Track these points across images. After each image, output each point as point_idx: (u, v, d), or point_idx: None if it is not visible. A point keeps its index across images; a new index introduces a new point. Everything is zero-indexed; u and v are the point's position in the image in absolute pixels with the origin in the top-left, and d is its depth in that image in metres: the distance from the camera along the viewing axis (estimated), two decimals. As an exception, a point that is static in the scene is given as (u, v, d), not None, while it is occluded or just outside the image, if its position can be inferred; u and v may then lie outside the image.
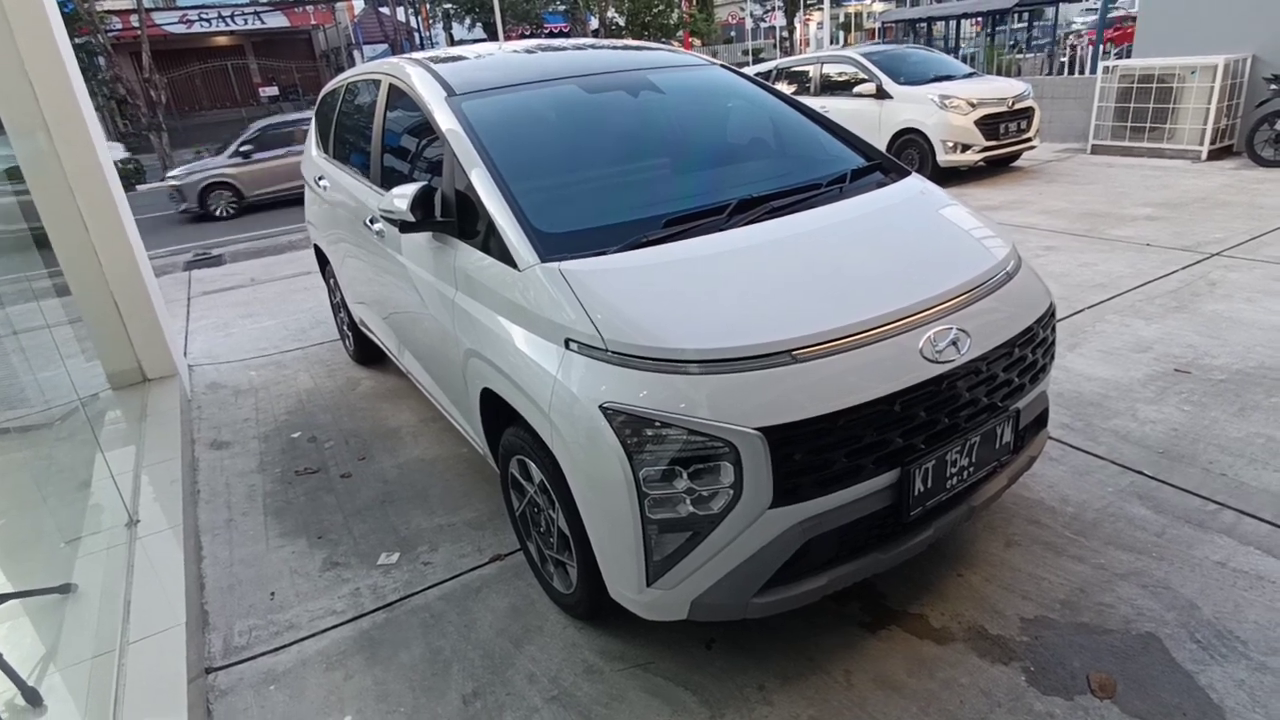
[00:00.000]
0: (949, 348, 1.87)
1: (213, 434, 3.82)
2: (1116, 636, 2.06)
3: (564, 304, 1.90)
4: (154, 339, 4.06)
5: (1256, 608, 2.10)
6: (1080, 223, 6.10)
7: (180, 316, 6.02)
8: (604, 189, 2.51)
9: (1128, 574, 2.28)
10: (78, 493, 2.97)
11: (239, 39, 29.76)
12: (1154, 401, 3.23)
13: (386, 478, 3.25)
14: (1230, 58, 7.78)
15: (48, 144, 3.52)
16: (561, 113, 2.75)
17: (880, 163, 2.69)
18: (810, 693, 1.97)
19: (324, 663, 2.24)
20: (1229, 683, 1.89)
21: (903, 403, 1.79)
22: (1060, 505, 2.62)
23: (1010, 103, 8.03)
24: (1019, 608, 2.19)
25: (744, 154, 2.90)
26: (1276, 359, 3.48)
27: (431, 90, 2.69)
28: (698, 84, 3.10)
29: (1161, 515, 2.52)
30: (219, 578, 2.68)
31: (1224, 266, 4.74)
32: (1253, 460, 2.75)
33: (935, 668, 2.01)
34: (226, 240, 9.17)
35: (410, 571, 2.62)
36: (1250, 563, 2.27)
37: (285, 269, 7.28)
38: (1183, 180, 7.27)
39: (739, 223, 2.17)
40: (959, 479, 1.97)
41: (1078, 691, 1.90)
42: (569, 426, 1.83)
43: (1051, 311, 2.22)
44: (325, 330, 5.22)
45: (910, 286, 1.95)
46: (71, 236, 3.68)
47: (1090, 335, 3.94)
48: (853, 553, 1.90)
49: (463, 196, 2.34)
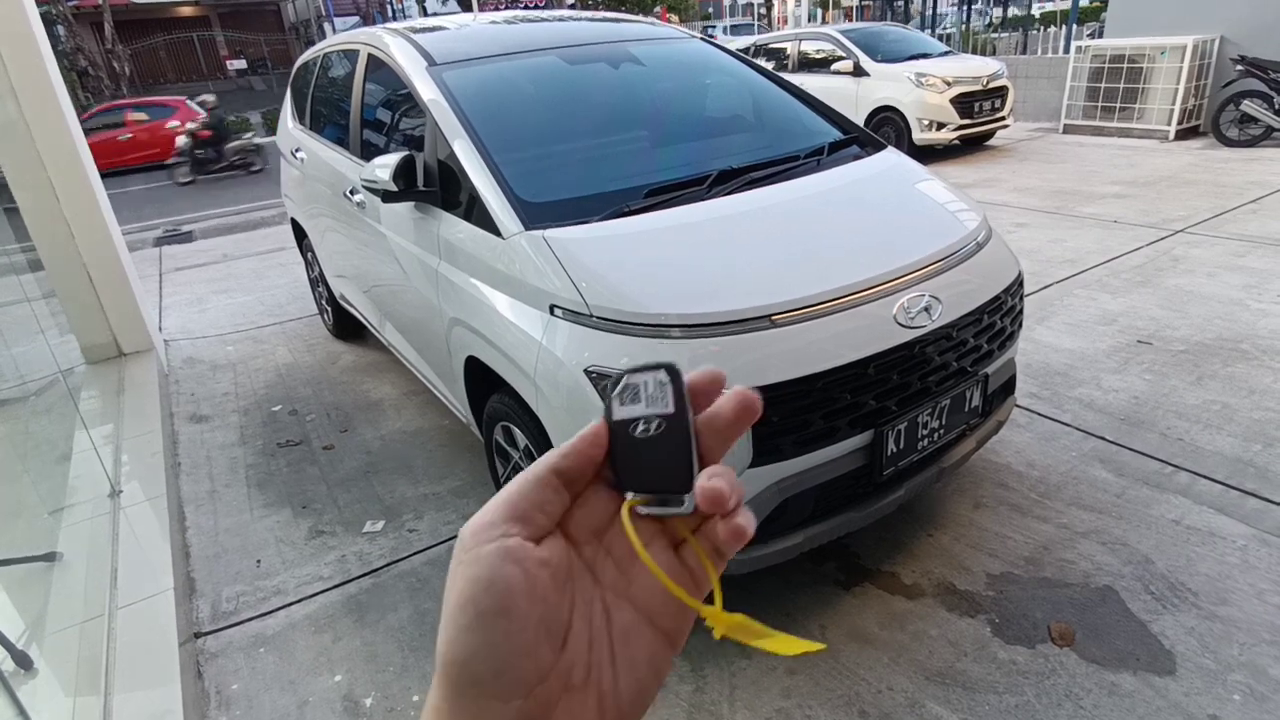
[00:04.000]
0: (921, 314, 1.94)
1: (192, 408, 3.81)
2: (1076, 590, 2.17)
3: (549, 271, 1.94)
4: (129, 313, 4.02)
5: (1207, 561, 2.22)
6: (1051, 200, 6.22)
7: (153, 292, 5.93)
8: (586, 159, 2.54)
9: (1088, 532, 2.39)
10: (59, 465, 2.96)
11: (205, 9, 28.94)
12: (1117, 371, 3.35)
13: (369, 449, 3.28)
14: (1199, 39, 7.92)
15: (16, 112, 3.45)
16: (543, 84, 2.77)
17: (857, 136, 2.75)
18: (787, 646, 2.05)
19: (312, 626, 2.28)
20: (1180, 630, 2.00)
21: (876, 366, 1.86)
22: (1026, 469, 2.72)
23: (985, 81, 8.11)
24: (985, 565, 2.29)
25: (724, 126, 2.94)
26: (1233, 330, 3.61)
27: (412, 60, 2.69)
28: (678, 57, 3.12)
29: (1121, 478, 2.63)
30: (204, 546, 2.70)
31: (1187, 243, 4.88)
32: (1208, 425, 2.87)
33: (906, 621, 2.11)
34: (197, 216, 9.01)
35: (396, 539, 2.66)
36: (1203, 520, 2.39)
37: (259, 245, 7.18)
38: (1151, 159, 7.42)
39: (719, 193, 2.21)
40: (929, 441, 2.05)
41: (1039, 641, 2.01)
42: (554, 391, 1.88)
43: (1020, 280, 2.30)
44: (302, 306, 5.19)
45: (885, 255, 2.02)
46: (43, 208, 3.62)
47: (1058, 308, 4.05)
48: (827, 512, 1.98)
49: (445, 166, 2.36)
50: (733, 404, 0.35)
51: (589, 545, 0.35)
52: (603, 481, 0.36)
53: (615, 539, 0.35)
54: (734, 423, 0.35)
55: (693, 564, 0.35)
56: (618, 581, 0.35)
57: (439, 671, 0.32)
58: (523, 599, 0.31)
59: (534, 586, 0.31)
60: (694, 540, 0.35)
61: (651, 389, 0.34)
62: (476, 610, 0.30)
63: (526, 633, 0.31)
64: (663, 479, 0.34)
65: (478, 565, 0.31)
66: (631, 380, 0.35)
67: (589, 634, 0.33)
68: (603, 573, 0.35)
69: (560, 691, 0.32)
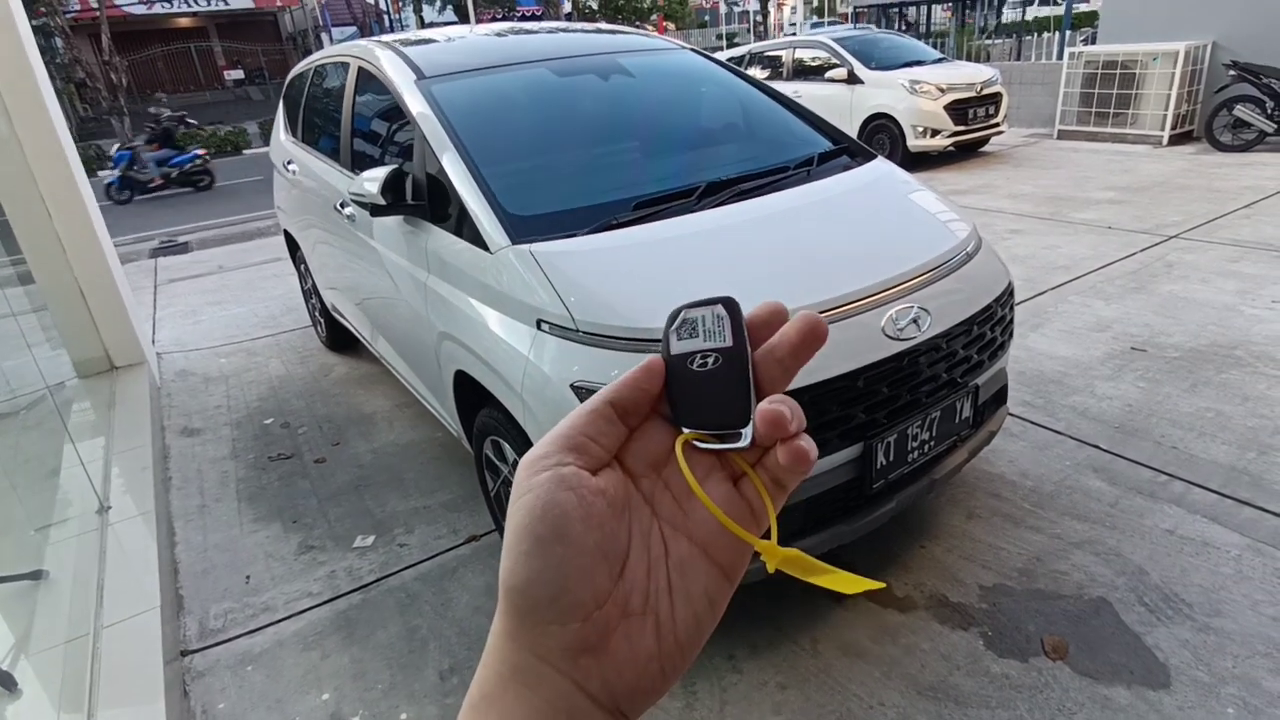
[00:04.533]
0: (910, 325, 1.93)
1: (183, 421, 3.80)
2: (1070, 601, 2.15)
3: (535, 285, 1.93)
4: (121, 326, 4.01)
5: (1202, 572, 2.21)
6: (1045, 206, 6.23)
7: (147, 304, 5.92)
8: (574, 172, 2.54)
9: (1082, 543, 2.37)
10: (47, 481, 2.95)
11: (202, 20, 29.01)
12: (1111, 379, 3.34)
13: (361, 462, 3.26)
14: (1191, 44, 7.95)
15: (7, 128, 3.44)
16: (532, 96, 2.77)
17: (847, 146, 2.74)
18: (778, 660, 2.04)
19: (301, 643, 2.26)
20: (1174, 642, 1.98)
21: (865, 379, 1.85)
22: (1020, 479, 2.71)
23: (979, 88, 8.14)
24: (978, 576, 2.27)
25: (713, 137, 2.94)
26: (1227, 337, 3.61)
27: (401, 73, 2.68)
28: (667, 68, 3.12)
29: (1115, 487, 2.62)
30: (193, 562, 2.68)
31: (1181, 249, 4.88)
32: (1202, 434, 2.86)
33: (898, 634, 2.09)
34: (193, 227, 9.01)
35: (386, 553, 2.64)
36: (1197, 530, 2.37)
37: (254, 256, 7.18)
38: (1144, 165, 7.44)
39: (708, 205, 2.21)
40: (920, 453, 2.04)
41: (1032, 654, 1.99)
42: (541, 406, 1.87)
43: (1010, 290, 2.30)
44: (296, 317, 5.18)
45: (873, 266, 2.01)
46: (34, 222, 3.61)
47: (1052, 315, 4.05)
48: (817, 525, 1.96)
49: (434, 180, 2.35)
50: (798, 329, 0.34)
51: (647, 478, 0.35)
52: (660, 416, 0.36)
53: (673, 473, 0.35)
54: (799, 348, 0.34)
55: (751, 497, 0.35)
56: (675, 514, 0.35)
57: (501, 598, 0.32)
58: (578, 524, 0.32)
59: (590, 513, 0.32)
60: (753, 473, 0.35)
61: (709, 323, 0.34)
62: (534, 536, 0.31)
63: (583, 558, 0.31)
64: (720, 413, 0.34)
65: (532, 493, 0.32)
66: (689, 315, 0.35)
67: (647, 563, 0.34)
68: (660, 505, 0.35)
69: (619, 618, 0.32)
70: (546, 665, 0.32)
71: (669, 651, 0.33)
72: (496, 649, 0.33)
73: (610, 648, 0.32)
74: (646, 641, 0.33)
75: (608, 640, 0.32)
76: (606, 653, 0.32)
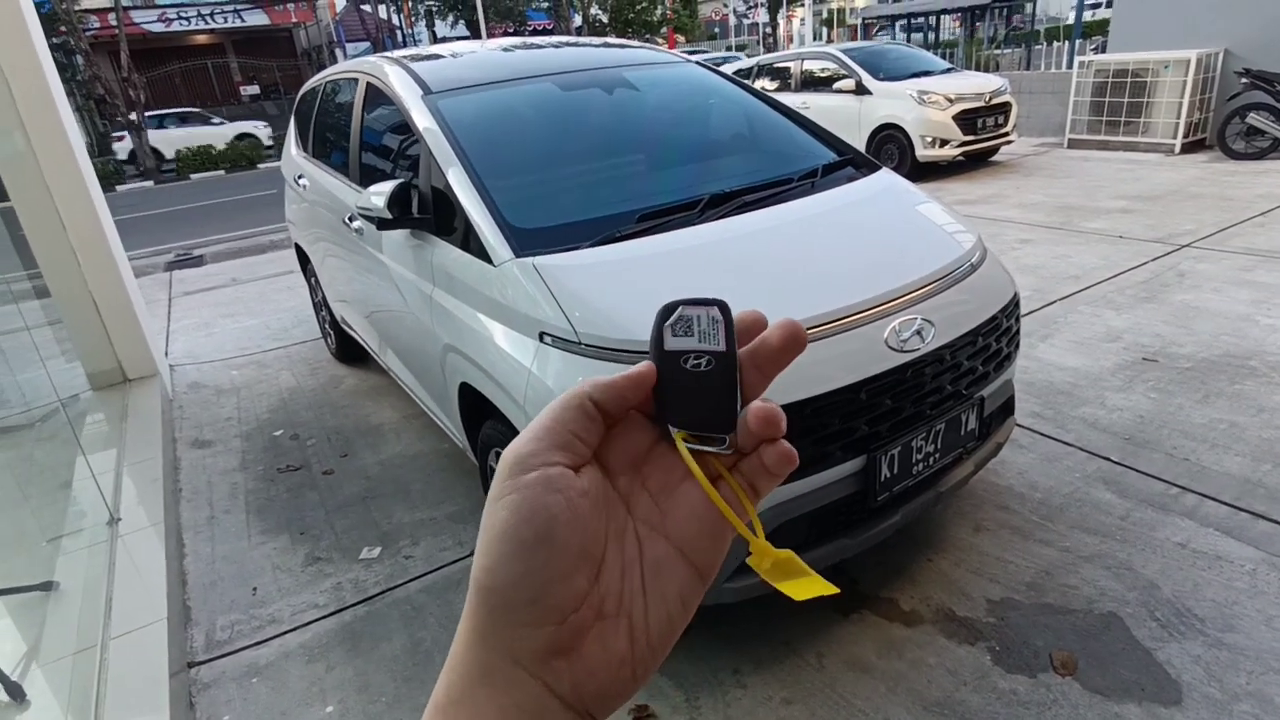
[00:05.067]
0: (913, 337, 1.92)
1: (195, 433, 3.83)
2: (1079, 616, 2.12)
3: (538, 298, 1.94)
4: (134, 339, 4.06)
5: (1214, 586, 2.17)
6: (1056, 216, 6.20)
7: (161, 317, 5.99)
8: (578, 185, 2.55)
9: (1092, 556, 2.34)
10: (59, 492, 2.98)
11: (219, 37, 29.46)
12: (1122, 390, 3.31)
13: (368, 474, 3.28)
14: (1203, 52, 7.90)
15: (25, 144, 3.51)
16: (537, 110, 2.79)
17: (851, 157, 2.74)
18: (784, 675, 2.02)
19: (306, 655, 2.27)
20: (1186, 659, 1.95)
21: (868, 391, 1.85)
22: (1029, 491, 2.68)
23: (988, 98, 8.12)
24: (986, 590, 2.25)
25: (717, 150, 2.95)
26: (1240, 347, 3.56)
27: (408, 88, 2.71)
28: (672, 81, 3.14)
29: (1126, 499, 2.59)
30: (201, 574, 2.70)
31: (1193, 258, 4.84)
32: (1214, 445, 2.83)
33: (904, 649, 2.07)
34: (208, 240, 9.12)
35: (392, 565, 2.65)
36: (1210, 544, 2.34)
37: (267, 268, 7.26)
38: (1156, 173, 7.39)
39: (711, 217, 2.21)
40: (925, 465, 2.02)
41: (1040, 669, 1.97)
42: (544, 418, 1.87)
43: (1016, 301, 2.28)
44: (307, 329, 5.22)
45: (876, 278, 2.00)
46: (50, 237, 3.67)
47: (1062, 326, 4.02)
48: (820, 538, 1.95)
49: (439, 194, 2.37)
50: (779, 334, 0.35)
51: (624, 476, 0.35)
52: (638, 413, 0.36)
53: (652, 471, 0.35)
54: (780, 353, 0.35)
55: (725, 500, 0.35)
56: (651, 514, 0.35)
57: (473, 595, 0.32)
58: (564, 528, 0.31)
59: (575, 516, 0.32)
60: (730, 476, 0.35)
61: (705, 324, 0.35)
62: (519, 539, 0.31)
63: (566, 561, 0.31)
64: (707, 416, 0.34)
65: (519, 493, 0.31)
66: (685, 312, 0.35)
67: (622, 564, 0.34)
68: (637, 504, 0.35)
69: (593, 619, 0.32)
70: (519, 668, 0.31)
71: (641, 653, 0.33)
72: (466, 649, 0.32)
73: (583, 650, 0.32)
74: (620, 643, 0.32)
75: (581, 643, 0.32)
76: (579, 655, 0.32)
